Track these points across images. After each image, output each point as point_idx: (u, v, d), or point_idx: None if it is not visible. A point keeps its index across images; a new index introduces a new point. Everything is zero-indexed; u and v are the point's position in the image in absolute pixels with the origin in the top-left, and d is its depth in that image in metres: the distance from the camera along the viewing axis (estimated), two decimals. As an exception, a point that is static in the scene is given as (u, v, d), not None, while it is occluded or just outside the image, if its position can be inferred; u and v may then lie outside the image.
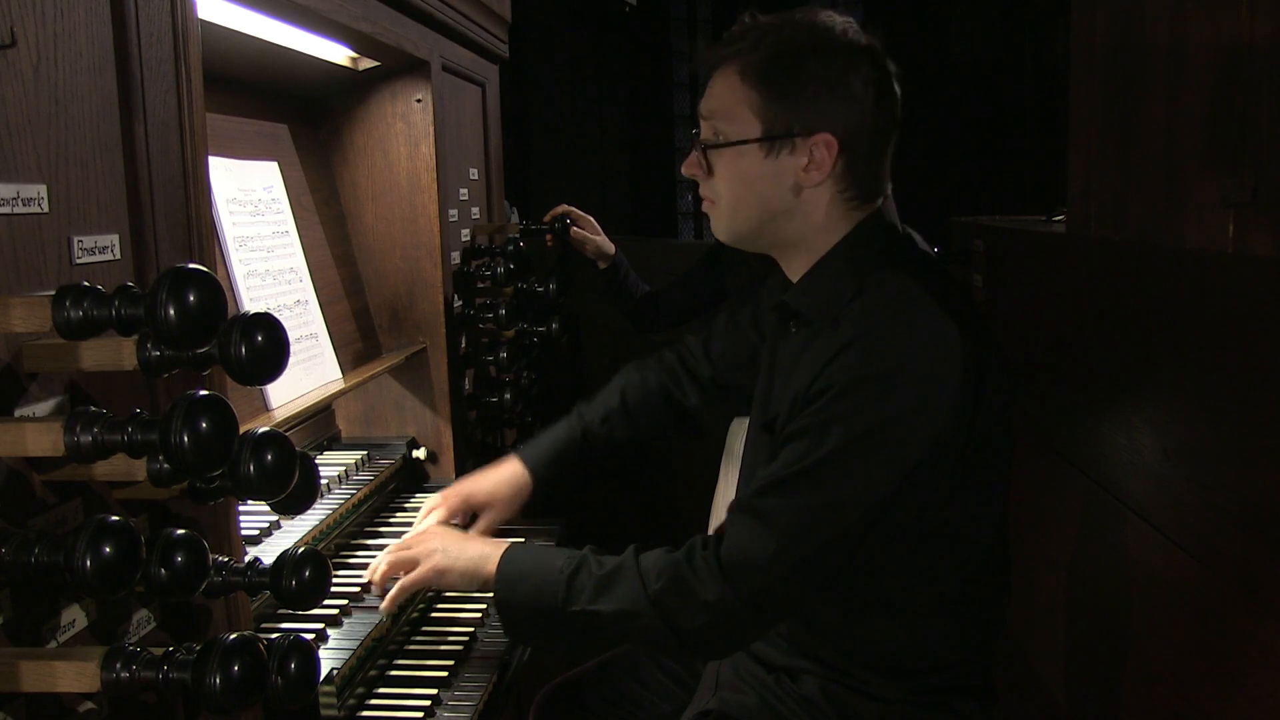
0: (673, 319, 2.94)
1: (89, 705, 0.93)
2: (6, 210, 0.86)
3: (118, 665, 0.84)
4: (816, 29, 1.44)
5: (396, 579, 1.59)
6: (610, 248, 2.86)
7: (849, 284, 1.44)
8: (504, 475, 1.84)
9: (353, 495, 1.91)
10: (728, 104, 1.46)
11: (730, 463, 2.91)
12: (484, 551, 1.54)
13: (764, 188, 1.45)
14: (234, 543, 1.19)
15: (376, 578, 1.61)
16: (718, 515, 2.75)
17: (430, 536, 1.61)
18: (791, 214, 1.47)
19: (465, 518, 1.85)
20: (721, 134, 1.46)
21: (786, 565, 1.36)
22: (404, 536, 1.66)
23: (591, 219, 2.86)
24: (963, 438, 1.36)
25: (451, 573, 1.55)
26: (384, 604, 1.58)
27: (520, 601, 1.48)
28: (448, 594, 1.95)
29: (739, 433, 2.91)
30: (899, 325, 1.37)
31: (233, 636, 0.86)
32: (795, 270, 1.53)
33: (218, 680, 0.83)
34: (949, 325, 1.36)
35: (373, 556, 1.83)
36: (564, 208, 2.83)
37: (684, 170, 1.53)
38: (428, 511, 1.80)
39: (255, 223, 1.73)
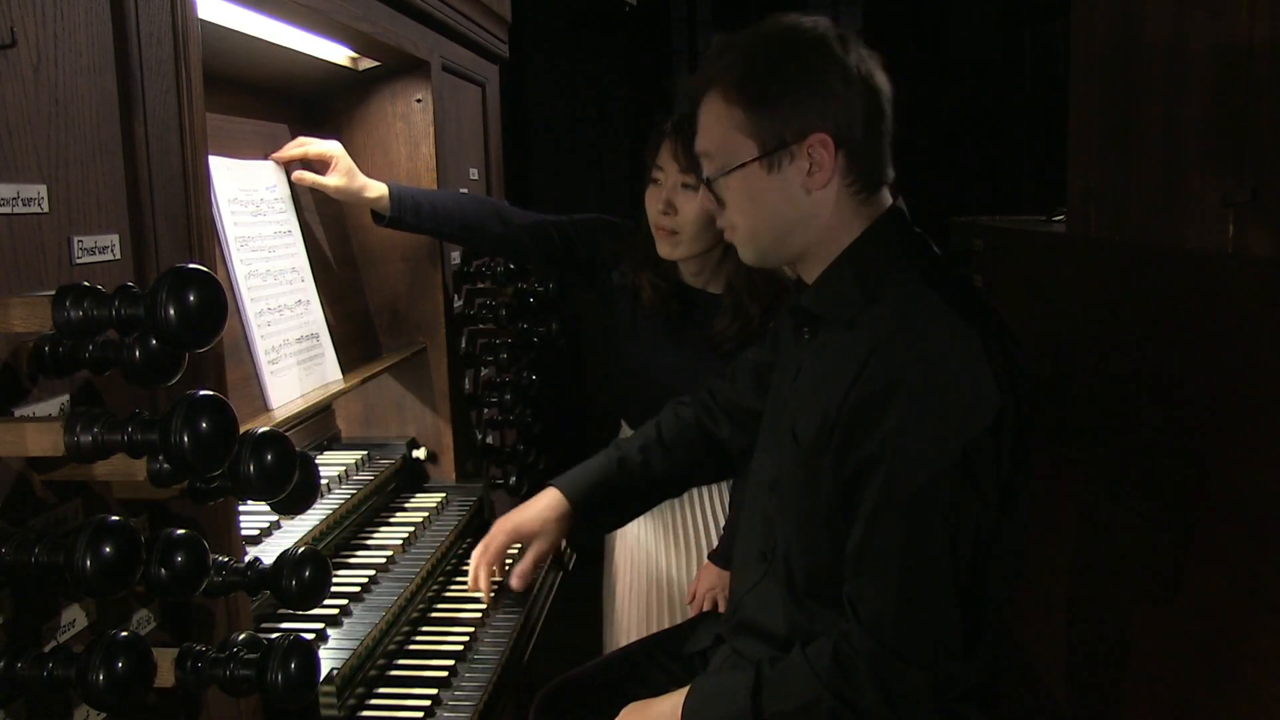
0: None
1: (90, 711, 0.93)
2: (6, 210, 0.86)
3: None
4: (785, 33, 1.45)
5: None
6: (372, 190, 1.99)
7: (864, 285, 1.44)
8: (546, 502, 1.82)
9: (353, 495, 1.90)
10: (720, 133, 1.47)
11: None
12: (667, 708, 1.54)
13: (775, 201, 1.45)
14: (234, 543, 1.19)
15: None
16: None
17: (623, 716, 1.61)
18: (805, 220, 1.46)
19: (499, 559, 1.85)
20: (722, 164, 1.47)
21: (914, 603, 1.36)
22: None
23: (333, 153, 1.94)
24: (1010, 440, 1.36)
25: None
26: None
27: None
28: (447, 594, 1.95)
29: None
30: (918, 330, 1.37)
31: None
32: (812, 274, 1.53)
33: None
34: (966, 328, 1.36)
35: (373, 556, 1.84)
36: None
37: (700, 205, 1.55)
38: (480, 554, 1.80)
39: (257, 222, 1.73)
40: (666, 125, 2.11)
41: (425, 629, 1.81)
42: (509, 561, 1.88)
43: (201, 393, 0.85)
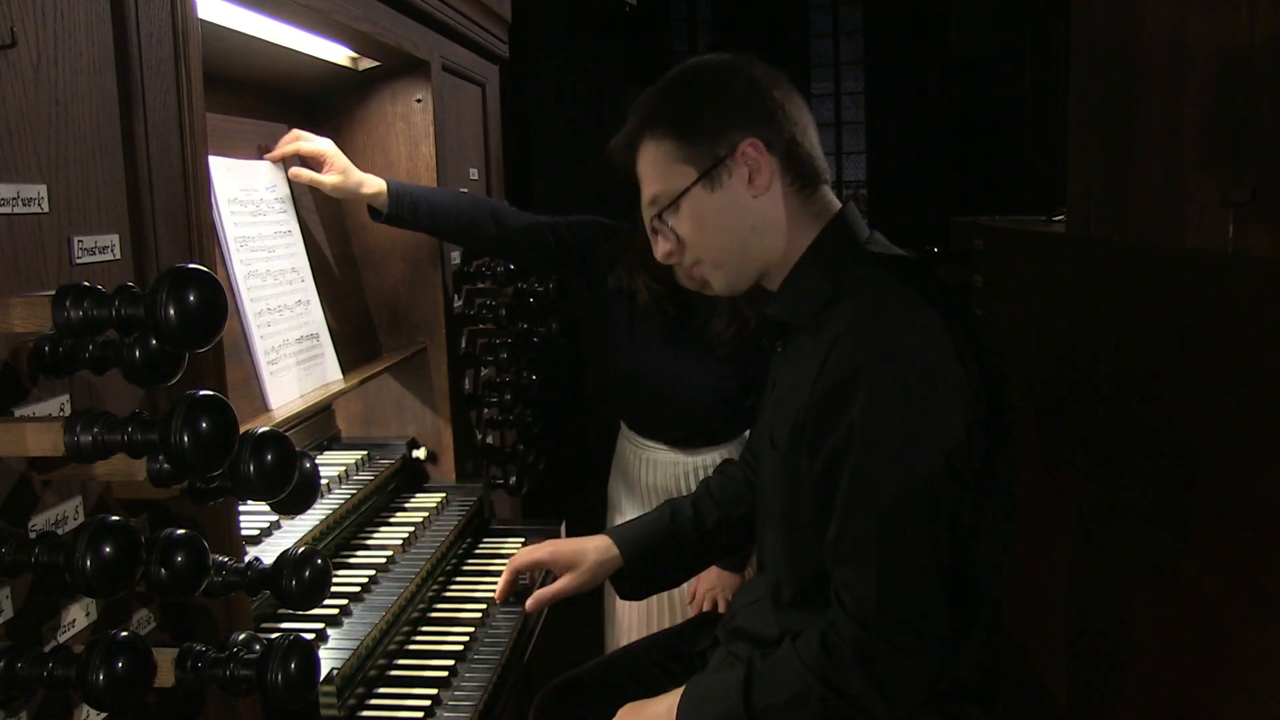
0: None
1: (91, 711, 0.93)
2: (6, 210, 0.86)
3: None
4: (690, 68, 1.54)
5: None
6: (369, 186, 1.99)
7: (825, 286, 1.46)
8: (592, 543, 1.82)
9: (353, 495, 1.91)
10: (658, 170, 1.51)
11: None
12: (663, 709, 1.54)
13: (726, 218, 1.48)
14: (234, 543, 1.19)
15: None
16: None
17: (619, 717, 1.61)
18: (759, 228, 1.49)
19: (537, 576, 1.88)
20: (668, 197, 1.51)
21: (894, 588, 1.36)
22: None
23: (325, 152, 1.95)
24: (981, 413, 1.36)
25: None
26: None
27: None
28: (447, 594, 1.95)
29: None
30: (878, 317, 1.39)
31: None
32: (777, 284, 1.55)
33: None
34: (929, 314, 1.37)
35: (373, 556, 1.84)
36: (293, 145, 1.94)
37: (660, 258, 1.57)
38: (512, 560, 1.82)
39: (257, 222, 1.73)
40: None
41: (425, 629, 1.81)
42: (524, 580, 1.87)
43: (201, 393, 0.85)
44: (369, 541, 1.92)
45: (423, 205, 2.06)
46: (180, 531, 0.92)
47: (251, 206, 1.73)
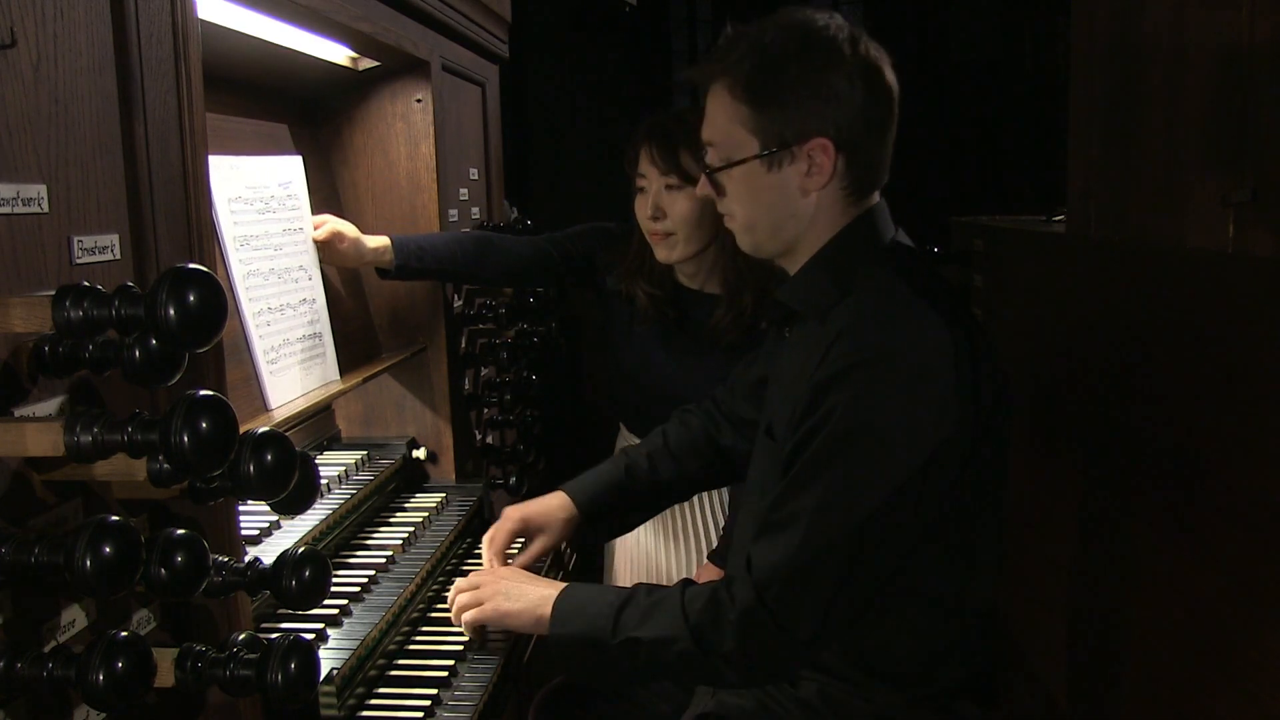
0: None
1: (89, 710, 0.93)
2: (6, 210, 0.86)
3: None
4: (795, 31, 1.43)
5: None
6: (375, 243, 2.01)
7: (838, 281, 1.46)
8: (556, 502, 1.84)
9: (353, 495, 1.90)
10: (724, 125, 1.48)
11: None
12: (544, 594, 1.55)
13: (772, 199, 1.47)
14: (234, 543, 1.19)
15: (454, 618, 1.64)
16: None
17: (498, 578, 1.61)
18: (799, 216, 1.48)
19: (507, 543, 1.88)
20: (724, 156, 1.48)
21: (805, 570, 1.36)
22: (472, 574, 1.68)
23: (338, 229, 1.96)
24: (965, 432, 1.36)
25: (512, 615, 1.56)
26: (468, 636, 1.65)
27: (572, 635, 1.49)
28: (447, 594, 1.95)
29: None
30: (884, 318, 1.39)
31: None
32: (795, 268, 1.55)
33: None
34: (935, 319, 1.37)
35: (373, 556, 1.84)
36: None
37: (698, 192, 1.57)
38: (489, 543, 1.81)
39: (264, 220, 1.73)
40: (640, 132, 2.11)
41: (425, 629, 1.81)
42: (513, 551, 1.88)
43: (201, 393, 0.85)
44: (369, 541, 1.92)
45: (428, 250, 2.07)
46: (180, 531, 0.92)
47: (259, 204, 1.73)
